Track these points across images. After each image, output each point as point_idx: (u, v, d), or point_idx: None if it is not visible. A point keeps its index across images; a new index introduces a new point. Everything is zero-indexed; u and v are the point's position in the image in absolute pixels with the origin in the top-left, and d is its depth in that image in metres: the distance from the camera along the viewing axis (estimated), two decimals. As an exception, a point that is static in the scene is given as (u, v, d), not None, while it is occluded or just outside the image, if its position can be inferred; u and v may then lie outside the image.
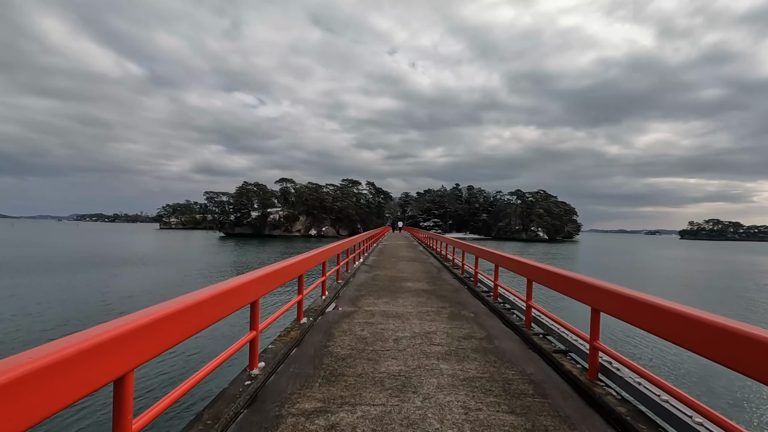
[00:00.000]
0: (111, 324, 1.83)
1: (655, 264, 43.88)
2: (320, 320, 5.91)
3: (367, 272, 11.50)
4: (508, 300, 6.96)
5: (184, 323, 2.34)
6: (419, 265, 13.79)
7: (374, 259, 15.60)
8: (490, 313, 6.67)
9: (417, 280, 10.14)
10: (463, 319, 6.14)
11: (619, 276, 30.20)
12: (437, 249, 20.32)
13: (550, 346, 4.64)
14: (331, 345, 4.68)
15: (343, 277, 9.88)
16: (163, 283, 20.59)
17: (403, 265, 13.39)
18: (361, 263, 13.73)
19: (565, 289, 4.21)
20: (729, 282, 28.70)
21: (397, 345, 4.70)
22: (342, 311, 6.52)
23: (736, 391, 8.44)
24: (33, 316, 13.41)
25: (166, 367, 8.70)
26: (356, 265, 12.87)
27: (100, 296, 17.18)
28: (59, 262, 29.00)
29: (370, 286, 9.12)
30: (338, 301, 7.37)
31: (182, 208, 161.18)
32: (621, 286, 3.47)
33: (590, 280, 3.74)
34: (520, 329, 5.42)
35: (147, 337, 1.98)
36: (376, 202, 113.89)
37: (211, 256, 38.45)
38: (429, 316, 6.19)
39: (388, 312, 6.43)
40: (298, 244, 61.34)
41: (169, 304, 2.26)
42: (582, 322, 4.02)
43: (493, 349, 4.69)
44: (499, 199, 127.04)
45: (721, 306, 18.56)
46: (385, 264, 13.75)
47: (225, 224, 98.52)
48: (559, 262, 42.09)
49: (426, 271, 12.03)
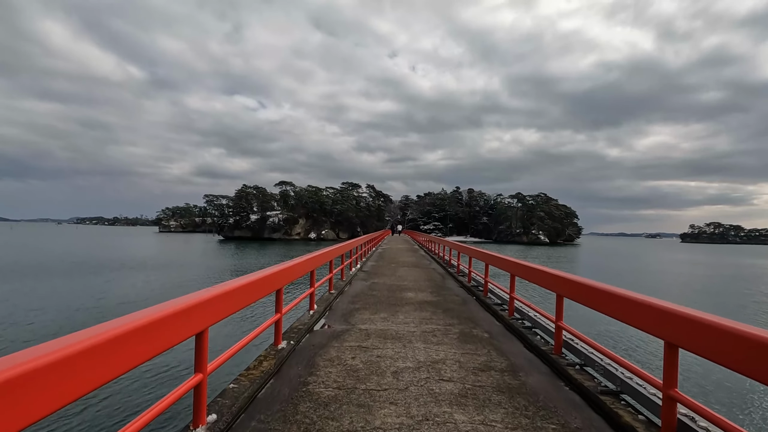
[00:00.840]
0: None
1: (662, 268, 42.73)
2: (304, 343, 4.89)
3: (365, 280, 10.47)
4: (526, 316, 5.94)
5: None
6: (421, 271, 12.76)
7: (373, 264, 14.57)
8: (507, 332, 5.64)
9: (419, 289, 9.11)
10: (477, 340, 5.12)
11: (629, 280, 29.09)
12: (439, 253, 19.29)
13: (594, 384, 3.62)
14: (313, 381, 3.66)
15: (337, 287, 8.86)
16: (159, 289, 19.56)
17: (403, 272, 12.37)
18: (358, 269, 12.70)
19: (621, 313, 3.19)
20: (743, 286, 27.61)
21: (398, 381, 3.68)
22: (332, 330, 5.50)
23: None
24: (19, 326, 12.50)
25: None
26: (353, 271, 11.84)
27: (95, 302, 16.19)
28: (54, 266, 27.97)
29: (367, 297, 8.09)
30: (329, 317, 6.35)
31: (182, 211, 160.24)
32: (705, 312, 2.48)
33: (665, 304, 2.72)
34: (548, 356, 4.40)
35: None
36: (376, 205, 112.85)
37: (210, 260, 37.39)
38: (435, 337, 5.17)
39: (386, 332, 5.41)
40: (298, 247, 60.32)
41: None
42: (635, 350, 3.02)
43: (519, 387, 3.67)
44: (499, 202, 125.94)
45: (743, 312, 17.53)
46: (385, 270, 12.73)
47: (224, 227, 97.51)
48: (564, 266, 41.02)
49: (429, 279, 11.00)
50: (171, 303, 2.37)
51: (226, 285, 3.09)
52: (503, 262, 6.64)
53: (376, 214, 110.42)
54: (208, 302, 2.65)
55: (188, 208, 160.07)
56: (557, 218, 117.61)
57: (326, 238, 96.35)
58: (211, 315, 2.69)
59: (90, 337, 1.65)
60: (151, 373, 8.40)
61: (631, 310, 3.02)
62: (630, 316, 3.04)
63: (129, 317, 2.01)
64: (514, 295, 6.24)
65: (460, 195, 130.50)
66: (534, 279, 5.14)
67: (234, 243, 72.37)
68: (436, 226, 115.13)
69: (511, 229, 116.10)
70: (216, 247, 59.35)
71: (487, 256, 7.88)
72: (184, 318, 2.37)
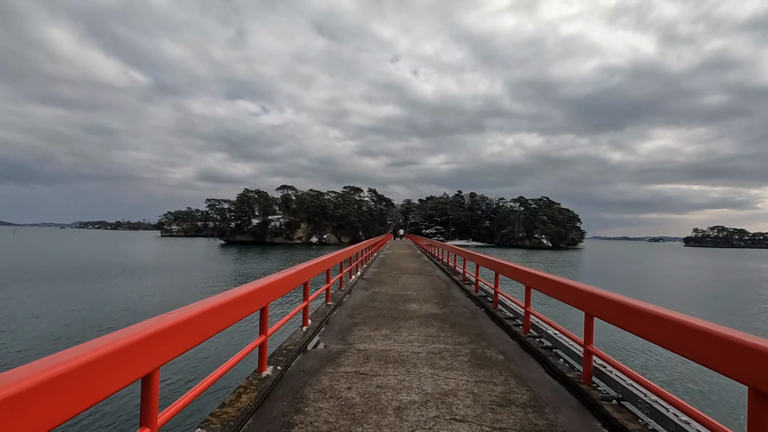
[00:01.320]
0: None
1: (669, 272, 41.86)
2: (293, 368, 4.27)
3: (365, 289, 9.85)
4: (544, 333, 5.31)
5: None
6: (425, 279, 12.12)
7: (374, 271, 13.94)
8: (525, 353, 5.01)
9: (424, 300, 8.48)
10: (492, 364, 4.49)
11: (637, 285, 28.28)
12: (443, 259, 18.65)
13: (638, 426, 2.99)
14: (299, 422, 3.04)
15: (336, 297, 8.25)
16: (161, 296, 18.97)
17: (406, 280, 11.74)
18: (359, 276, 12.09)
19: (681, 346, 2.56)
20: (756, 292, 26.80)
21: (401, 421, 3.06)
22: (327, 351, 4.89)
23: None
24: (16, 334, 11.97)
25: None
26: (353, 279, 11.23)
27: (94, 309, 15.63)
28: (55, 271, 27.45)
29: (368, 309, 7.47)
30: (324, 333, 5.73)
31: (184, 215, 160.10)
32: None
33: (748, 339, 2.10)
34: (576, 386, 3.77)
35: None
36: (378, 209, 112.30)
37: (211, 265, 36.81)
38: (444, 360, 4.54)
39: (387, 353, 4.79)
40: (300, 252, 59.75)
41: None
42: (697, 390, 2.39)
43: (548, 428, 3.05)
44: (501, 206, 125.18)
45: (758, 319, 16.80)
46: (386, 278, 12.10)
47: (225, 232, 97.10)
48: (569, 271, 40.24)
49: (433, 288, 10.37)
50: (108, 339, 1.77)
51: (227, 295, 2.58)
52: (517, 272, 6.00)
53: (378, 218, 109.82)
54: (156, 336, 2.05)
55: (190, 213, 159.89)
56: (560, 222, 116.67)
57: (328, 242, 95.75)
58: (161, 353, 2.09)
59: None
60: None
61: (697, 342, 2.39)
62: (695, 350, 2.42)
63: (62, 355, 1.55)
64: (529, 309, 5.61)
65: (462, 199, 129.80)
66: (558, 294, 4.51)
67: (235, 247, 71.83)
68: (438, 230, 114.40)
69: (513, 233, 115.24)
70: (217, 251, 58.82)
71: (498, 264, 7.25)
72: (123, 358, 1.77)
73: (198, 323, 2.46)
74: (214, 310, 2.66)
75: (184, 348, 2.32)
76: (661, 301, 21.85)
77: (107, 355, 1.67)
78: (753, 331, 12.81)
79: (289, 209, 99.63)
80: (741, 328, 2.25)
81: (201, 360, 9.74)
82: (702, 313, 18.66)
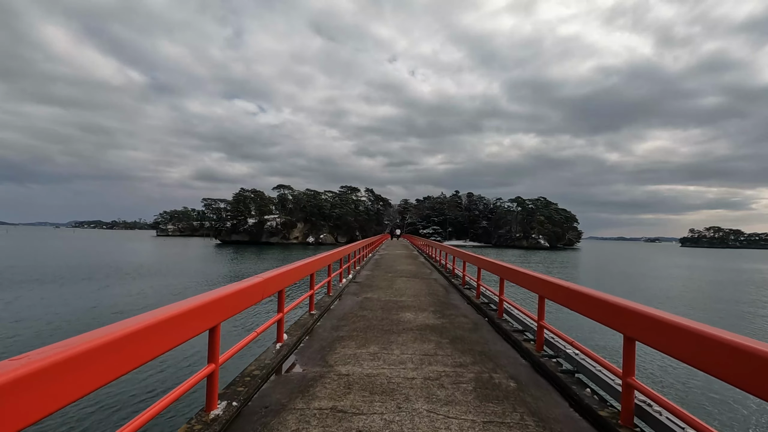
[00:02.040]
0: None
1: (670, 273, 41.21)
2: (254, 403, 3.41)
3: (356, 295, 8.98)
4: (562, 353, 4.48)
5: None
6: (421, 283, 11.28)
7: (368, 274, 13.08)
8: (540, 378, 4.16)
9: (420, 308, 7.62)
10: (502, 395, 3.64)
11: (641, 286, 27.53)
12: (439, 259, 17.83)
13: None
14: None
15: (322, 304, 7.40)
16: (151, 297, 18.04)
17: (401, 284, 10.88)
18: (350, 280, 11.24)
19: None
20: (762, 293, 26.14)
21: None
22: (302, 375, 4.04)
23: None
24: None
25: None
26: (344, 283, 10.38)
27: (81, 312, 14.67)
28: (43, 273, 26.42)
29: (356, 319, 6.60)
30: (302, 351, 4.88)
31: (179, 214, 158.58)
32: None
33: None
34: (614, 430, 2.94)
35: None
36: (375, 209, 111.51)
37: (204, 266, 35.83)
38: (443, 390, 3.69)
39: (375, 379, 3.93)
40: (296, 252, 58.84)
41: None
42: None
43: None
44: (499, 206, 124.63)
45: None
46: (380, 281, 11.25)
47: (221, 231, 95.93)
48: (569, 271, 39.52)
49: (431, 293, 9.51)
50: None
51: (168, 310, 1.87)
52: (529, 279, 5.16)
53: (374, 218, 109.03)
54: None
55: (186, 212, 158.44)
56: (557, 222, 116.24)
57: (324, 242, 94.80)
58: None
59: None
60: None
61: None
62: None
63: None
64: (543, 323, 4.77)
65: (460, 199, 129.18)
66: (585, 309, 3.66)
67: (231, 247, 70.84)
68: (435, 230, 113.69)
69: (510, 234, 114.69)
70: (212, 252, 57.78)
71: (504, 269, 6.40)
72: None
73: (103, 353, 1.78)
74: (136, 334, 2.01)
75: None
76: (677, 306, 21.15)
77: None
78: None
79: (286, 209, 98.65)
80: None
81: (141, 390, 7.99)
82: (730, 320, 17.95)
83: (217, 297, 2.92)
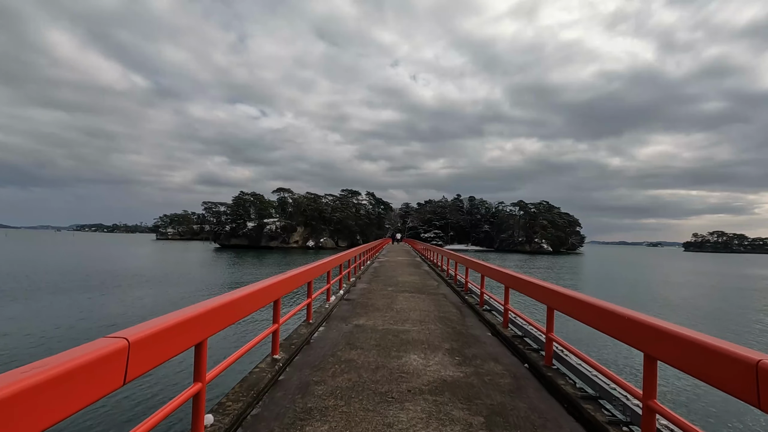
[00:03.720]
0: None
1: (685, 279, 39.95)
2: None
3: (345, 320, 7.36)
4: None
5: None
6: (428, 301, 9.94)
7: (364, 287, 11.83)
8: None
9: (431, 344, 5.99)
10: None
11: (662, 294, 26.34)
12: (441, 266, 16.75)
13: None
14: None
15: (294, 340, 5.77)
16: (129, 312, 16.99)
17: (404, 303, 9.48)
18: (341, 297, 9.86)
19: None
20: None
21: None
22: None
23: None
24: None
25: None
26: (332, 301, 8.98)
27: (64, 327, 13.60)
28: (36, 280, 25.44)
29: (339, 368, 4.80)
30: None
31: (179, 218, 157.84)
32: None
33: None
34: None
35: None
36: (376, 213, 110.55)
37: (199, 273, 34.80)
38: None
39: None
40: (296, 256, 57.80)
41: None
42: None
43: None
44: (501, 210, 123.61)
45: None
46: (378, 299, 9.88)
47: (220, 235, 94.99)
48: (582, 279, 38.31)
49: (442, 317, 7.93)
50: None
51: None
52: (578, 305, 3.77)
53: (376, 222, 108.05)
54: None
55: (186, 216, 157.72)
56: (560, 227, 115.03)
57: (325, 246, 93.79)
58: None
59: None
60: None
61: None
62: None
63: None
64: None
65: (461, 203, 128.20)
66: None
67: (229, 252, 69.83)
68: (436, 234, 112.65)
69: (513, 238, 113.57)
70: (209, 257, 56.74)
71: (549, 293, 4.72)
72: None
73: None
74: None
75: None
76: (708, 323, 19.96)
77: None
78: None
79: (286, 212, 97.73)
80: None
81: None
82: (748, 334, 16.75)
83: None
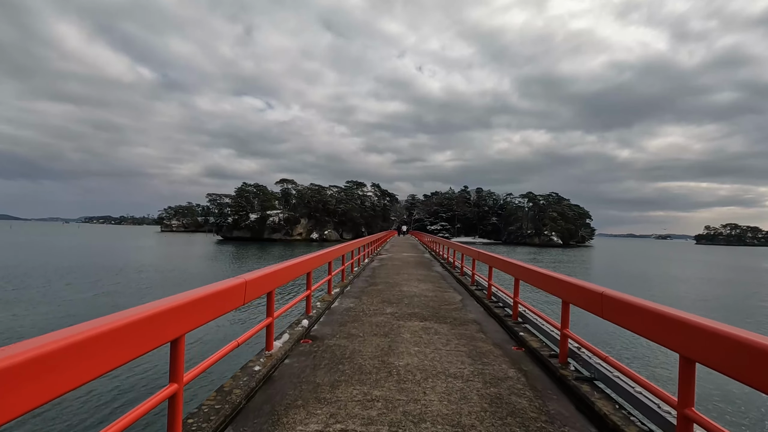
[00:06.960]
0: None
1: (711, 274, 37.37)
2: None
3: (311, 383, 3.76)
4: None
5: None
6: (456, 341, 5.37)
7: (348, 307, 7.62)
8: None
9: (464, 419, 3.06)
10: None
11: (706, 291, 23.98)
12: (454, 263, 14.53)
13: None
14: None
15: (245, 387, 3.54)
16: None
17: (412, 348, 4.96)
18: (322, 312, 7.26)
19: None
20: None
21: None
22: None
23: None
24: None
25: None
26: (275, 347, 5.69)
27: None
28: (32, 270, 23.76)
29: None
30: None
31: (184, 210, 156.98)
32: None
33: None
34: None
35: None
36: (381, 205, 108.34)
37: (195, 266, 32.99)
38: None
39: None
40: (299, 249, 55.96)
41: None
42: None
43: None
44: (509, 202, 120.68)
45: None
46: (365, 338, 5.33)
47: (223, 227, 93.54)
48: (604, 273, 35.90)
49: (493, 397, 3.49)
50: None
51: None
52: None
53: (381, 214, 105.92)
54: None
55: (191, 208, 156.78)
56: (570, 219, 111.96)
57: (329, 238, 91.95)
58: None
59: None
60: None
61: None
62: None
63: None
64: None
65: (469, 194, 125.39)
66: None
67: (232, 244, 68.29)
68: (443, 226, 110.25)
69: (521, 230, 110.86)
70: (211, 249, 55.08)
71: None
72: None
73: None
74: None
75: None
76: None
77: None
78: None
79: (289, 204, 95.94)
80: None
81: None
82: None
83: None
